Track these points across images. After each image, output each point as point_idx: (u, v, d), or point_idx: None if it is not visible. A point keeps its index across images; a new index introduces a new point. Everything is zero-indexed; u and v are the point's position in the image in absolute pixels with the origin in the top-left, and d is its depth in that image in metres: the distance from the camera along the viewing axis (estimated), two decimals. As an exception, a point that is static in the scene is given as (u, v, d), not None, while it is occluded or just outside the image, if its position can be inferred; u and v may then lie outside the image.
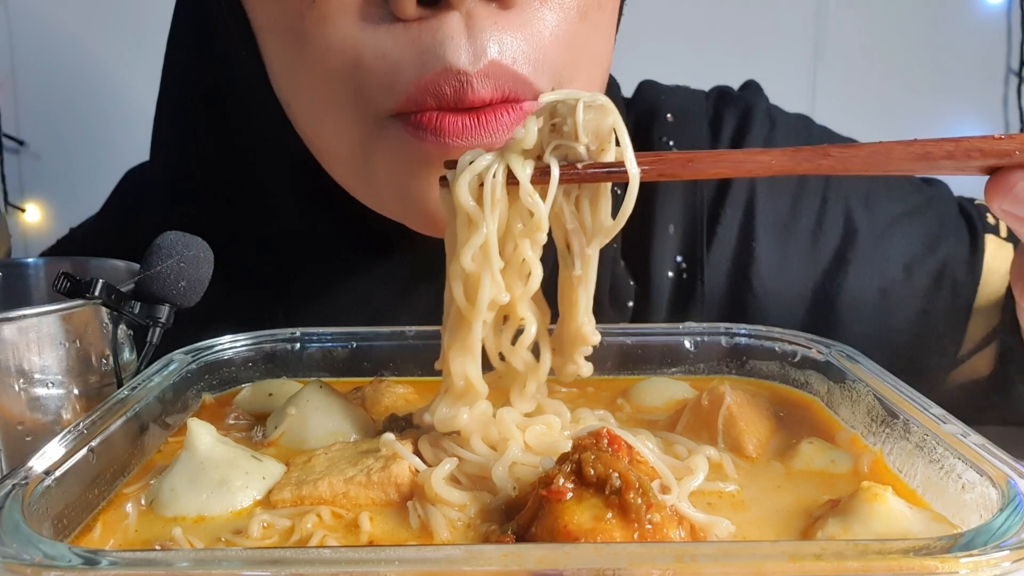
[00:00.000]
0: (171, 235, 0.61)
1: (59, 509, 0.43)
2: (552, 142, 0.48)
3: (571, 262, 0.50)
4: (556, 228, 0.50)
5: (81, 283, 0.57)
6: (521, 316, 0.50)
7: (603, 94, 0.65)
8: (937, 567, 0.33)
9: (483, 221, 0.47)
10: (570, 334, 0.52)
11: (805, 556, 0.34)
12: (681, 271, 0.79)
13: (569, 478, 0.40)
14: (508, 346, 0.51)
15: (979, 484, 0.42)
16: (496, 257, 0.48)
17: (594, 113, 0.47)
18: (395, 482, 0.46)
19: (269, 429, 0.56)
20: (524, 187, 0.47)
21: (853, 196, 0.80)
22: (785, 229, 0.79)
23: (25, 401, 0.55)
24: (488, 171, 0.48)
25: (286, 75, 0.64)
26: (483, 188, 0.47)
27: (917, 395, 0.51)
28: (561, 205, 0.49)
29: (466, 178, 0.48)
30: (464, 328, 0.49)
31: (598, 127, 0.47)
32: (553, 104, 0.48)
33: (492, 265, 0.48)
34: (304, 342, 0.67)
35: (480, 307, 0.48)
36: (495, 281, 0.48)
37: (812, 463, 0.50)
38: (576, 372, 0.53)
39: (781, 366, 0.64)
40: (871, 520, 0.41)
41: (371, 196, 0.66)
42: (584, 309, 0.51)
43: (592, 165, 0.47)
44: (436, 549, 0.38)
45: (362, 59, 0.57)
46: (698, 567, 0.33)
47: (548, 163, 0.47)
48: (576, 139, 0.47)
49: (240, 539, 0.43)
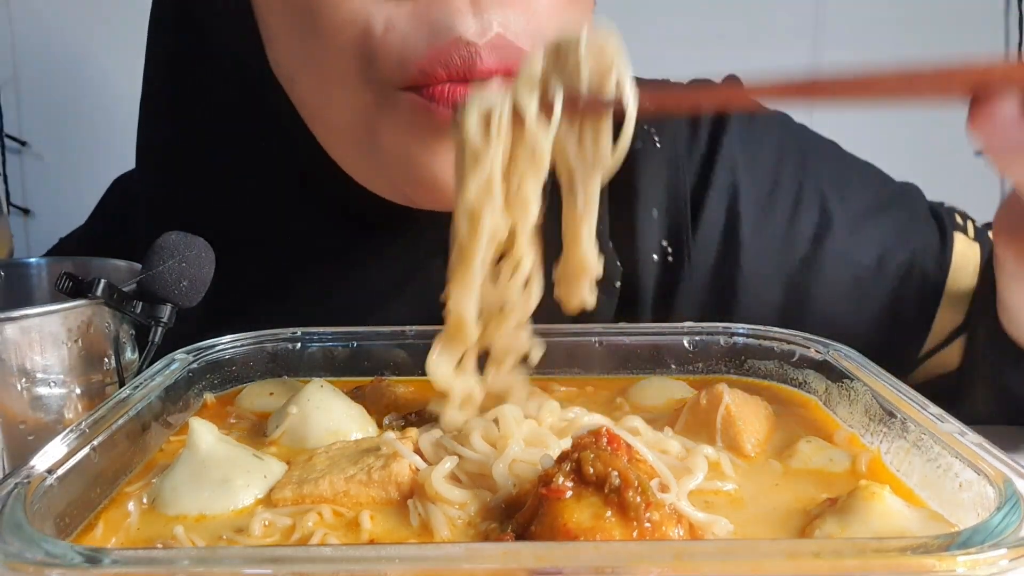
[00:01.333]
0: (173, 235, 0.61)
1: (61, 508, 0.43)
2: (556, 79, 0.50)
3: (574, 197, 0.52)
4: (559, 163, 0.52)
5: (83, 283, 0.57)
6: (520, 252, 0.52)
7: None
8: (934, 565, 0.33)
9: (487, 155, 0.50)
10: (574, 265, 0.54)
11: (803, 555, 0.34)
12: (667, 254, 0.80)
13: (569, 477, 0.41)
14: (504, 282, 0.53)
15: (976, 483, 0.42)
16: (498, 190, 0.50)
17: (596, 51, 0.49)
18: (395, 480, 0.47)
19: (270, 428, 0.56)
20: (529, 121, 0.49)
21: (828, 185, 0.82)
22: (763, 213, 0.80)
23: (27, 400, 0.55)
24: (495, 107, 0.50)
25: (292, 49, 0.65)
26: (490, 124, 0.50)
27: (915, 394, 0.51)
28: (564, 140, 0.51)
29: (474, 113, 0.50)
30: (465, 262, 0.51)
31: (599, 63, 0.49)
32: (557, 42, 0.50)
33: (494, 198, 0.50)
34: (305, 342, 0.67)
35: (480, 240, 0.50)
36: (496, 214, 0.50)
37: (810, 462, 0.51)
38: (582, 302, 0.55)
39: (779, 365, 0.64)
40: (869, 519, 0.41)
41: (373, 172, 0.66)
42: (587, 238, 0.53)
43: (593, 98, 0.49)
44: (436, 547, 0.38)
45: (372, 30, 0.59)
46: (697, 565, 0.34)
47: (552, 99, 0.49)
48: (578, 75, 0.49)
49: (241, 537, 0.43)
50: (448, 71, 0.57)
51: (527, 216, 0.52)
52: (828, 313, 0.61)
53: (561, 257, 0.55)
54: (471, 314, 0.52)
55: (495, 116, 0.50)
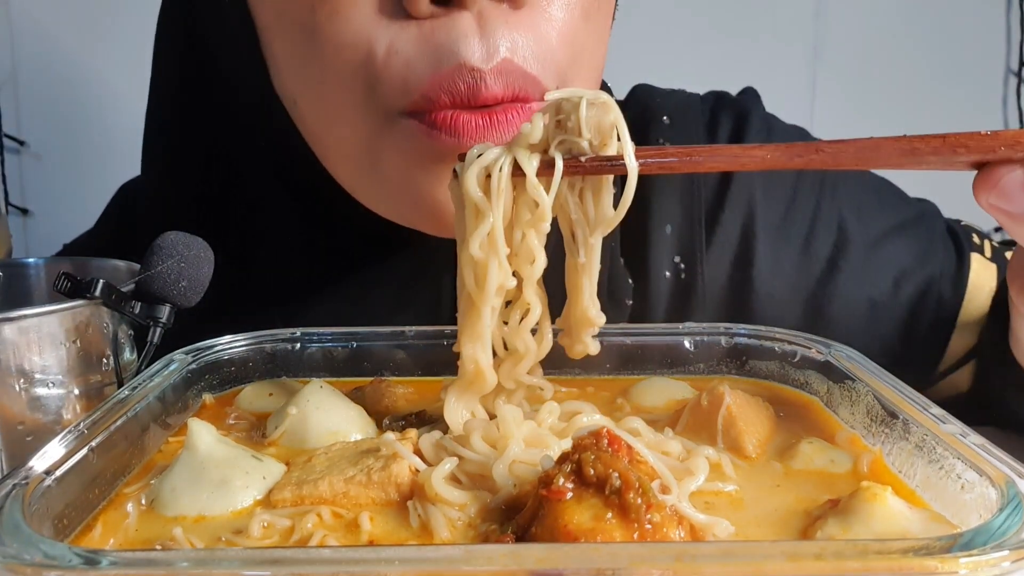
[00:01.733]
0: (172, 235, 0.61)
1: (59, 509, 0.43)
2: (557, 137, 0.50)
3: (576, 250, 0.53)
4: (561, 218, 0.53)
5: (82, 283, 0.57)
6: (527, 300, 0.53)
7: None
8: (936, 567, 0.33)
9: (489, 211, 0.50)
10: (577, 317, 0.55)
11: (805, 556, 0.34)
12: (679, 271, 0.80)
13: (569, 478, 0.40)
14: (514, 327, 0.54)
15: (978, 484, 0.42)
16: (502, 244, 0.51)
17: (596, 110, 0.49)
18: (395, 481, 0.46)
19: (269, 429, 0.56)
20: (530, 179, 0.50)
21: (846, 206, 0.81)
22: (779, 232, 0.80)
23: (26, 401, 0.55)
24: (495, 164, 0.51)
25: (294, 72, 0.64)
26: (490, 180, 0.50)
27: (916, 395, 0.51)
28: (566, 197, 0.52)
29: (474, 170, 0.51)
30: (474, 313, 0.52)
31: (600, 123, 0.49)
32: (558, 101, 0.50)
33: (499, 252, 0.51)
34: (304, 342, 0.67)
35: (488, 292, 0.51)
36: (502, 267, 0.51)
37: (812, 463, 0.50)
38: (584, 350, 0.56)
39: (781, 366, 0.64)
40: (870, 520, 0.41)
41: (375, 195, 0.66)
42: (588, 294, 0.54)
43: (594, 159, 0.50)
44: (436, 549, 0.38)
45: (375, 55, 0.57)
46: (698, 567, 0.33)
47: (553, 156, 0.50)
48: (579, 134, 0.50)
49: (240, 539, 0.43)
50: (452, 98, 0.56)
51: (533, 267, 0.52)
52: (842, 334, 0.61)
53: (564, 308, 0.55)
54: (487, 363, 0.53)
55: (495, 173, 0.50)
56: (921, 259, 0.81)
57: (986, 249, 0.83)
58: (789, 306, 0.80)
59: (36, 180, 1.59)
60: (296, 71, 0.63)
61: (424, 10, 0.55)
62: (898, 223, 0.82)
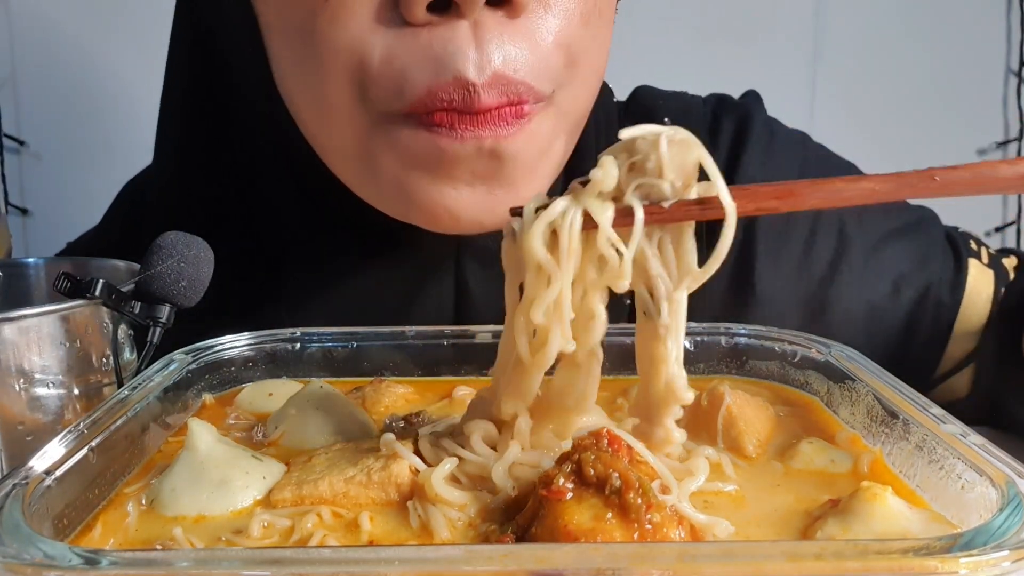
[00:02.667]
0: (171, 235, 0.61)
1: (59, 509, 0.43)
2: (633, 181, 0.44)
3: (656, 309, 0.45)
4: (636, 274, 0.45)
5: (81, 283, 0.57)
6: (581, 358, 0.47)
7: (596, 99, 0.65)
8: (937, 567, 0.33)
9: (559, 274, 0.44)
10: (658, 393, 0.47)
11: (805, 556, 0.34)
12: None
13: (569, 478, 0.40)
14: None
15: (979, 484, 0.42)
16: (568, 311, 0.44)
17: (678, 147, 0.43)
18: (395, 482, 0.46)
19: (269, 429, 0.56)
20: (604, 232, 0.43)
21: (846, 210, 0.81)
22: (779, 236, 0.80)
23: (25, 401, 0.55)
24: (564, 218, 0.43)
25: (292, 72, 0.64)
26: (557, 236, 0.44)
27: (917, 395, 0.51)
28: (643, 249, 0.45)
29: (539, 227, 0.43)
30: (524, 377, 0.46)
31: (683, 162, 0.43)
32: (632, 140, 0.44)
33: (564, 319, 0.44)
34: (304, 342, 0.67)
35: (547, 360, 0.45)
36: (564, 335, 0.45)
37: (812, 463, 0.50)
38: (667, 439, 0.47)
39: (781, 366, 0.64)
40: (871, 520, 0.41)
41: (374, 192, 0.66)
42: (675, 360, 0.46)
43: (681, 203, 0.43)
44: (436, 549, 0.38)
45: (370, 61, 0.58)
46: (698, 567, 0.33)
47: (630, 203, 0.43)
48: (661, 176, 0.43)
49: (240, 539, 0.43)
50: (446, 105, 0.56)
51: (592, 331, 0.46)
52: (841, 337, 0.61)
53: (639, 388, 0.49)
54: (525, 411, 0.48)
55: (564, 229, 0.43)
56: (920, 264, 0.81)
57: (983, 256, 0.83)
58: (789, 309, 0.80)
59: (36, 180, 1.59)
60: (294, 71, 0.64)
61: (420, 16, 0.55)
62: (898, 228, 0.82)
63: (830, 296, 0.80)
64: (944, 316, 0.81)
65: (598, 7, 0.62)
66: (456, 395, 0.62)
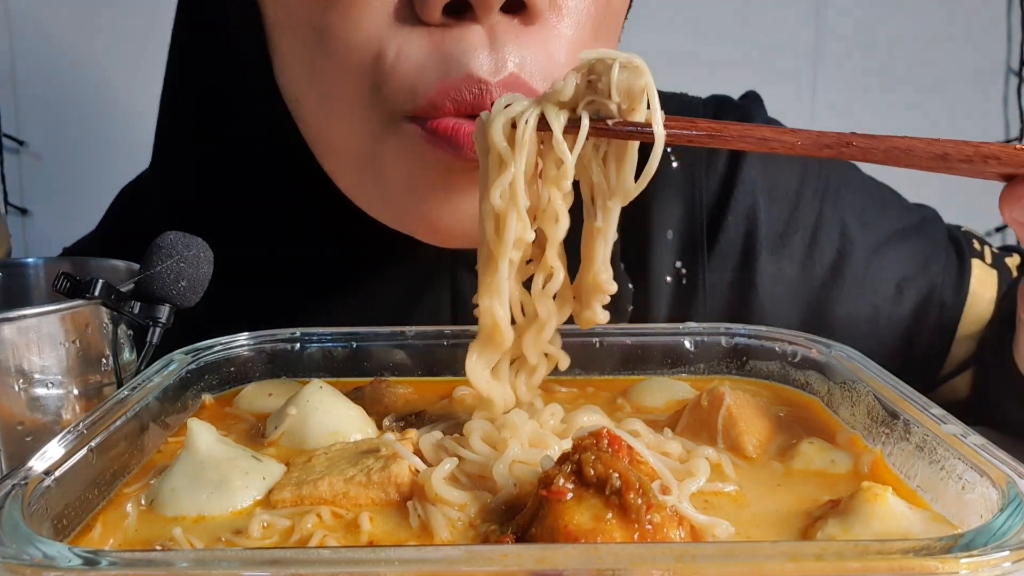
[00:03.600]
0: (171, 235, 0.61)
1: (59, 509, 0.43)
2: (586, 97, 0.50)
3: (594, 214, 0.52)
4: (583, 180, 0.52)
5: (81, 283, 0.57)
6: (550, 264, 0.52)
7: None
8: (937, 567, 0.33)
9: (512, 161, 0.50)
10: (588, 283, 0.54)
11: (805, 556, 0.34)
12: (681, 276, 0.80)
13: (569, 478, 0.40)
14: (536, 292, 0.53)
15: (979, 484, 0.42)
16: (523, 196, 0.50)
17: (628, 73, 0.49)
18: (395, 482, 0.46)
19: (269, 429, 0.56)
20: (556, 135, 0.49)
21: (849, 213, 0.81)
22: (781, 238, 0.80)
23: (25, 401, 0.55)
24: (522, 115, 0.50)
25: (300, 70, 0.64)
26: (515, 131, 0.50)
27: (917, 395, 0.51)
28: (590, 159, 0.51)
29: (500, 119, 0.50)
30: (492, 266, 0.51)
31: (631, 87, 0.49)
32: (591, 62, 0.49)
33: (519, 203, 0.50)
34: (304, 342, 0.67)
35: (507, 243, 0.51)
36: (521, 219, 0.50)
37: (812, 463, 0.50)
38: (593, 318, 0.55)
39: (781, 366, 0.64)
40: (871, 520, 0.41)
41: (375, 200, 0.66)
42: (602, 260, 0.53)
43: (621, 122, 0.49)
44: (436, 549, 0.38)
45: (384, 57, 0.58)
46: (698, 567, 0.33)
47: (580, 116, 0.49)
48: (609, 96, 0.49)
49: (240, 539, 0.43)
50: (457, 106, 0.56)
51: (557, 227, 0.52)
52: (844, 339, 0.62)
53: (578, 274, 0.54)
54: (504, 317, 0.52)
55: (521, 124, 0.50)
56: (923, 265, 0.81)
57: (986, 255, 0.83)
58: (791, 311, 0.80)
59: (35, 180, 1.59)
60: (302, 69, 0.64)
61: (436, 16, 0.56)
62: (900, 229, 0.82)
63: (833, 298, 0.80)
64: (948, 317, 0.80)
65: (608, 19, 0.62)
66: (456, 395, 0.62)
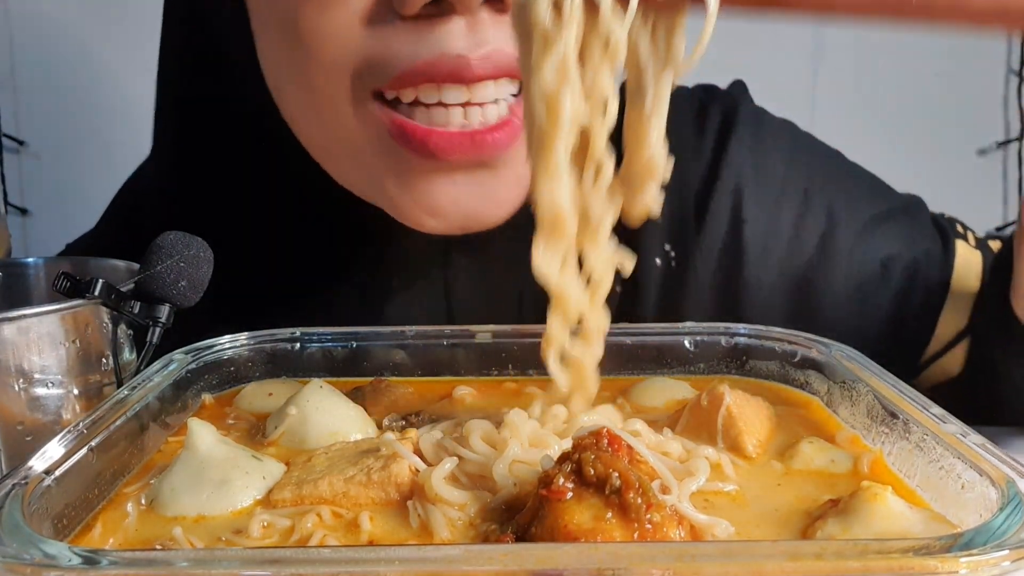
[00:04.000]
0: (171, 235, 0.61)
1: (59, 509, 0.43)
2: None
3: (643, 95, 0.49)
4: (630, 59, 0.49)
5: (81, 283, 0.57)
6: (597, 157, 0.49)
7: None
8: (937, 567, 0.33)
9: (560, 37, 0.46)
10: (640, 167, 0.50)
11: (805, 556, 0.34)
12: (670, 259, 0.80)
13: (569, 478, 0.40)
14: (587, 189, 0.50)
15: (979, 484, 0.42)
16: (576, 73, 0.47)
17: None
18: (395, 481, 0.46)
19: (269, 429, 0.56)
20: (604, 5, 0.46)
21: (834, 194, 0.82)
22: (769, 218, 0.80)
23: (25, 401, 0.55)
24: None
25: (279, 61, 0.65)
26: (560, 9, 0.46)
27: (917, 395, 0.51)
28: (638, 32, 0.48)
29: None
30: (548, 150, 0.48)
31: None
32: None
33: (572, 82, 0.47)
34: (304, 342, 0.67)
35: (563, 124, 0.47)
36: (576, 97, 0.47)
37: (812, 463, 0.50)
38: (646, 207, 0.51)
39: (781, 366, 0.64)
40: (871, 520, 0.41)
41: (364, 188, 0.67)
42: (656, 140, 0.50)
43: None
44: (436, 549, 0.38)
45: (359, 48, 0.59)
46: (698, 567, 0.33)
47: None
48: None
49: (240, 539, 0.43)
50: (434, 77, 0.57)
51: (605, 113, 0.48)
52: (833, 317, 0.61)
53: (624, 162, 0.51)
54: (565, 204, 0.49)
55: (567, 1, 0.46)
56: (908, 243, 0.82)
57: (970, 238, 0.84)
58: (779, 292, 0.80)
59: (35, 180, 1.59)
60: (281, 60, 0.65)
61: (415, 10, 0.56)
62: (886, 210, 0.83)
63: (819, 276, 0.80)
64: (934, 292, 0.81)
65: None
66: (456, 395, 0.62)
